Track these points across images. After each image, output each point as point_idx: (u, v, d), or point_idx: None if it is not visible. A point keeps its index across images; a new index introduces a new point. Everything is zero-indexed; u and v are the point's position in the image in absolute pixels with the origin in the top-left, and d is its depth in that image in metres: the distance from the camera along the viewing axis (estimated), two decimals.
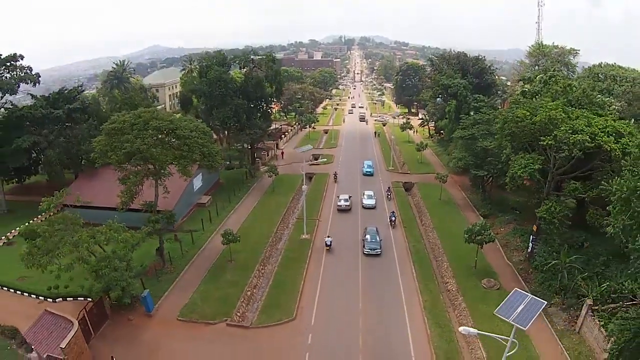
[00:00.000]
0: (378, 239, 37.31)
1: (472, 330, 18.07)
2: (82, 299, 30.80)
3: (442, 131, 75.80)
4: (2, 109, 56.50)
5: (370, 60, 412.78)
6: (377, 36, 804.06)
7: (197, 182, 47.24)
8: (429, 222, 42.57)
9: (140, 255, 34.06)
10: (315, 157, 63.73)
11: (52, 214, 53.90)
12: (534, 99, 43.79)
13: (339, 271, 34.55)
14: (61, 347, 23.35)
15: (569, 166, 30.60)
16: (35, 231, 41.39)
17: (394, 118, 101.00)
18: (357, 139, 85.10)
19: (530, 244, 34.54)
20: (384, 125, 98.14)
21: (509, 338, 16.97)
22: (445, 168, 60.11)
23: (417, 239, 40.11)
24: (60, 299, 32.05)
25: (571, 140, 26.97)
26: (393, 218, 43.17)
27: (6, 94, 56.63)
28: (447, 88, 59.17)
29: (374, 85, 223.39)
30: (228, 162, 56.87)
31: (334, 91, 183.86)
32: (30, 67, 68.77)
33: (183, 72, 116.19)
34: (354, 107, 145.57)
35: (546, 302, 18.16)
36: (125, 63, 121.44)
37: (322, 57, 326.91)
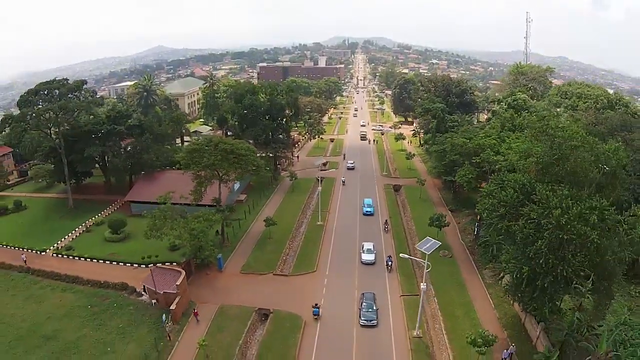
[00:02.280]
0: (375, 307, 37.30)
1: (406, 255, 34.35)
2: (168, 263, 47.11)
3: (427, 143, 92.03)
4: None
5: (373, 64, 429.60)
6: (380, 38, 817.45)
7: (237, 185, 63.62)
8: (409, 214, 58.91)
9: None
10: (324, 164, 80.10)
11: (117, 208, 70.53)
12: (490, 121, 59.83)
13: (342, 240, 51.22)
14: (176, 285, 39.59)
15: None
16: (118, 220, 58.26)
17: (391, 128, 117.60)
18: (358, 150, 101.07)
19: (476, 228, 50.60)
20: (382, 135, 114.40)
21: (426, 262, 33.24)
22: (428, 174, 76.42)
23: (399, 225, 56.41)
24: (152, 264, 48.36)
25: (491, 160, 43.01)
26: (390, 263, 44.97)
27: (80, 113, 72.91)
28: (428, 111, 75.38)
29: (376, 92, 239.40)
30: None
31: (338, 99, 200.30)
32: (95, 91, 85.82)
33: (205, 84, 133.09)
34: (357, 110, 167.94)
35: (440, 243, 34.21)
36: (151, 77, 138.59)
37: (326, 63, 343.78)
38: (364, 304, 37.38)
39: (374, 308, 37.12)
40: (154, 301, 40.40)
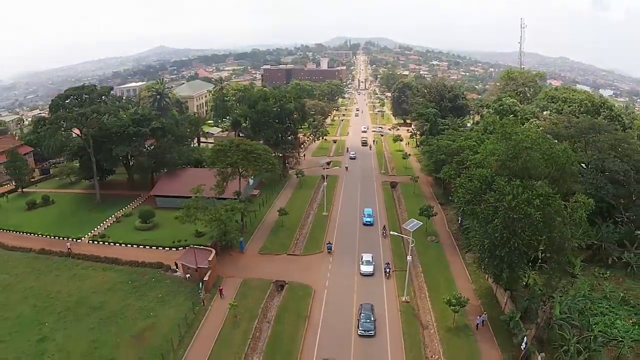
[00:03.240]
0: (372, 318, 39.60)
1: (395, 233, 42.71)
2: (196, 246, 55.44)
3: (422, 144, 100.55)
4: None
5: (374, 65, 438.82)
6: (382, 38, 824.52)
7: (251, 181, 72.03)
8: (404, 207, 67.28)
9: None
10: (328, 163, 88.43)
11: (141, 202, 78.52)
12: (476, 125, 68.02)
13: (344, 227, 59.98)
14: (208, 260, 48.05)
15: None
16: (147, 211, 66.46)
17: (390, 130, 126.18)
18: (359, 151, 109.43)
19: (460, 218, 58.93)
20: (382, 136, 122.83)
21: (411, 238, 41.63)
22: (421, 171, 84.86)
23: (393, 216, 64.81)
24: (182, 247, 56.72)
25: (469, 159, 51.20)
26: (388, 270, 48.40)
27: (110, 116, 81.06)
28: (422, 115, 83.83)
29: (377, 94, 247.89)
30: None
31: (340, 100, 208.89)
32: (120, 98, 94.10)
33: (214, 88, 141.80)
34: (359, 111, 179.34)
35: (422, 223, 42.76)
36: (163, 81, 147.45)
37: (328, 64, 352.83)
38: (363, 314, 39.91)
39: (372, 319, 39.52)
40: (187, 275, 48.78)
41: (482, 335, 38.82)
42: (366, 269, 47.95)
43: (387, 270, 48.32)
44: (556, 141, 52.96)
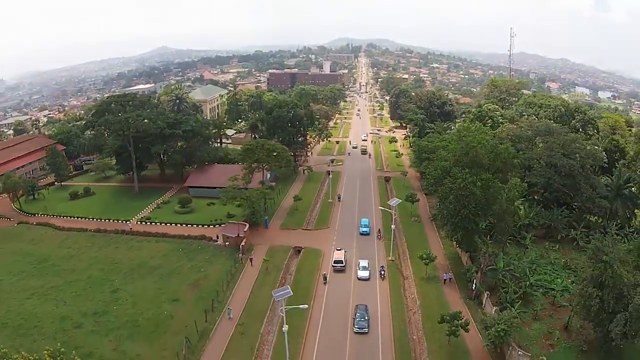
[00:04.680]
0: (366, 317, 45.71)
1: (382, 207, 59.25)
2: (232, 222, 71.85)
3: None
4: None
5: (375, 68, 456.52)
6: (383, 40, 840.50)
7: (268, 174, 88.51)
8: (394, 196, 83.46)
9: None
10: (332, 161, 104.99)
11: (174, 192, 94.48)
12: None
13: (346, 210, 76.29)
14: (244, 231, 64.52)
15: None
16: (185, 198, 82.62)
17: (387, 132, 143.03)
18: (358, 151, 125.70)
19: (438, 204, 75.10)
20: (379, 138, 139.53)
21: (393, 211, 58.07)
22: (409, 167, 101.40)
23: (385, 203, 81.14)
24: (217, 225, 72.96)
25: (444, 156, 67.35)
26: (382, 272, 56.18)
27: (148, 120, 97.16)
28: (411, 120, 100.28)
29: (377, 97, 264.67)
30: None
31: (342, 104, 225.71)
32: (157, 104, 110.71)
33: (228, 94, 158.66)
34: (360, 111, 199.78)
35: (401, 200, 59.63)
36: (182, 87, 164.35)
37: (330, 67, 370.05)
38: (358, 314, 46.38)
39: (366, 318, 46.01)
40: (226, 243, 65.12)
41: (447, 284, 54.61)
42: (363, 274, 55.54)
43: (382, 272, 56.63)
44: (505, 142, 68.44)
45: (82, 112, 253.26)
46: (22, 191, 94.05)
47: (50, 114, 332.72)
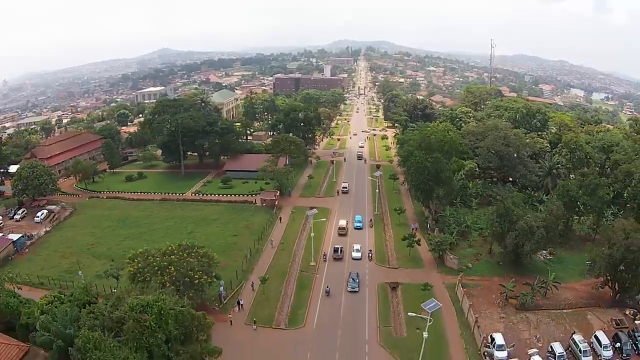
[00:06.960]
0: (357, 280, 64.02)
1: (369, 177, 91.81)
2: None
3: None
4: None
5: (374, 72, 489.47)
6: (382, 42, 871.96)
7: (287, 161, 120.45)
8: (383, 183, 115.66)
9: None
10: (334, 153, 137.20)
11: (214, 175, 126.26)
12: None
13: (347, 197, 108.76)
14: (276, 195, 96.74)
15: None
16: (226, 177, 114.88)
17: (380, 131, 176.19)
18: (356, 148, 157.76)
19: (405, 174, 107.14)
20: (374, 135, 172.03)
21: (378, 180, 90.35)
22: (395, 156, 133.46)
23: (375, 182, 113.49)
24: (254, 194, 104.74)
25: (410, 143, 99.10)
26: (370, 255, 74.26)
27: (192, 119, 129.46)
28: (397, 121, 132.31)
29: (374, 101, 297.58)
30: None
31: (342, 107, 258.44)
32: (202, 107, 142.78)
33: (246, 98, 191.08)
34: (359, 109, 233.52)
35: (382, 173, 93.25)
36: (204, 91, 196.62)
37: (331, 71, 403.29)
38: (350, 278, 64.89)
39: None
40: (263, 204, 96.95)
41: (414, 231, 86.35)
42: (356, 255, 74.00)
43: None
44: (455, 133, 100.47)
45: (105, 112, 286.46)
46: (84, 175, 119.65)
47: (63, 114, 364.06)
